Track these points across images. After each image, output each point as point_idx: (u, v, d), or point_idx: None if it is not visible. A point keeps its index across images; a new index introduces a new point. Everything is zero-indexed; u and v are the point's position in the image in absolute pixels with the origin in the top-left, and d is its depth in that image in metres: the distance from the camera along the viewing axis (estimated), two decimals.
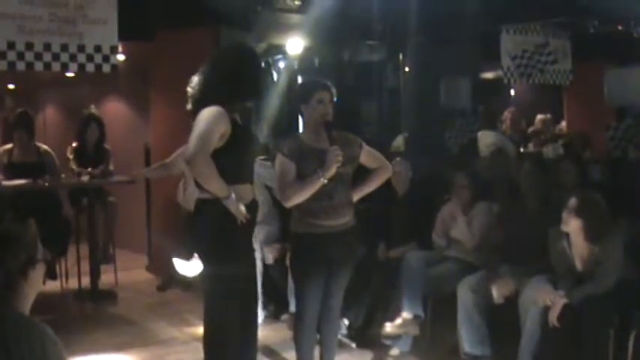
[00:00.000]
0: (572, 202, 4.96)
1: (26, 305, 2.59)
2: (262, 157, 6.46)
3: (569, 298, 4.82)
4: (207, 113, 4.07)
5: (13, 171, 7.54)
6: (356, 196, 4.79)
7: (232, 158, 4.12)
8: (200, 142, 3.98)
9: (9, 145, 7.86)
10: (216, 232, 4.17)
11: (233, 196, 4.07)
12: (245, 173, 4.27)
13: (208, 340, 4.31)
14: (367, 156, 4.79)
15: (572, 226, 4.97)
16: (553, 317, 4.82)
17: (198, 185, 4.23)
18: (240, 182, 4.18)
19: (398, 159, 6.69)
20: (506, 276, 5.41)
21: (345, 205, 4.63)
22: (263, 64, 4.51)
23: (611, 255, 4.87)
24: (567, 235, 5.04)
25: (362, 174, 4.88)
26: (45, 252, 2.68)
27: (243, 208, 4.12)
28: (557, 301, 4.84)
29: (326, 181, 4.41)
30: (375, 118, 11.37)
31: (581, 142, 9.63)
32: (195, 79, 4.32)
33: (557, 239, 5.11)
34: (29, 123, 8.00)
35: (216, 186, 4.04)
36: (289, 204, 4.55)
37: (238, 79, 4.23)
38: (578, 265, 5.03)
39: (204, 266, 4.31)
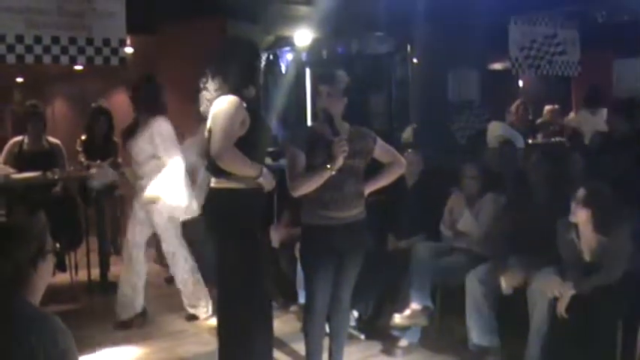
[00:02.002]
0: (581, 192, 4.95)
1: (36, 297, 2.60)
2: (271, 149, 6.48)
3: (577, 289, 4.82)
4: (225, 104, 4.15)
5: (23, 160, 7.61)
6: (368, 190, 4.80)
7: (249, 146, 4.21)
8: (224, 135, 4.09)
9: (19, 137, 7.92)
10: (238, 217, 4.25)
11: (265, 170, 4.34)
12: (259, 159, 4.37)
13: (232, 325, 4.37)
14: (381, 151, 4.80)
15: (581, 216, 4.97)
16: (561, 308, 4.82)
17: (215, 175, 4.30)
18: None
19: (410, 150, 6.70)
20: (515, 267, 5.41)
21: (355, 197, 4.64)
22: (260, 53, 4.63)
23: (620, 245, 4.87)
24: (576, 226, 5.04)
25: (376, 168, 4.90)
26: (54, 244, 2.70)
27: (271, 178, 4.43)
28: (565, 292, 4.84)
29: (334, 172, 4.42)
30: (383, 109, 11.36)
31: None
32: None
33: (566, 230, 5.11)
34: (40, 115, 8.06)
35: (248, 171, 4.28)
36: (297, 194, 4.55)
37: (235, 67, 4.31)
38: (587, 256, 5.03)
39: (227, 252, 4.35)
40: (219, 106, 4.19)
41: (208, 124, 4.29)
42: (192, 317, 6.70)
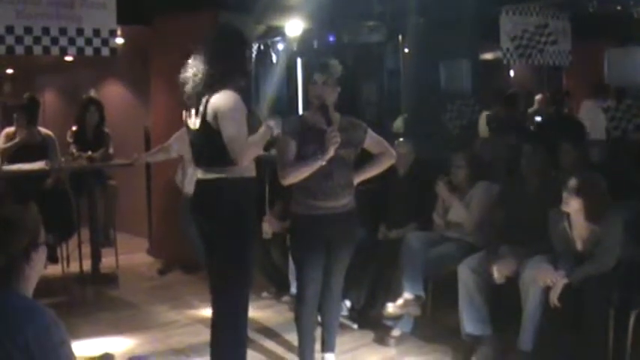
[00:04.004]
0: (572, 182, 4.96)
1: (29, 288, 2.59)
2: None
3: (569, 278, 4.84)
4: (230, 105, 4.10)
5: (16, 152, 7.63)
6: (357, 180, 4.80)
7: None
8: (243, 141, 4.07)
9: (12, 128, 7.93)
10: (238, 205, 4.25)
11: (271, 123, 4.28)
12: None
13: (232, 310, 4.38)
14: (371, 141, 4.80)
15: (573, 206, 4.97)
16: (554, 298, 4.83)
17: (206, 166, 4.28)
18: None
19: (401, 140, 6.70)
20: (507, 256, 5.42)
21: (344, 187, 4.64)
22: (250, 42, 4.62)
23: (611, 234, 4.88)
24: (568, 215, 5.05)
25: (366, 158, 4.89)
26: (47, 235, 2.69)
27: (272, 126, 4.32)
28: (557, 281, 4.85)
29: (324, 162, 4.41)
30: (375, 99, 11.36)
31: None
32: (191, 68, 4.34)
33: (558, 220, 5.12)
34: (36, 107, 8.10)
35: (260, 148, 4.30)
36: (286, 182, 4.56)
37: (227, 60, 4.28)
38: (579, 246, 5.04)
39: (228, 240, 4.34)
40: (224, 107, 4.13)
41: (208, 117, 4.20)
42: None
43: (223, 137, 4.10)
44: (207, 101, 4.17)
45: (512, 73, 13.28)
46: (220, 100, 4.13)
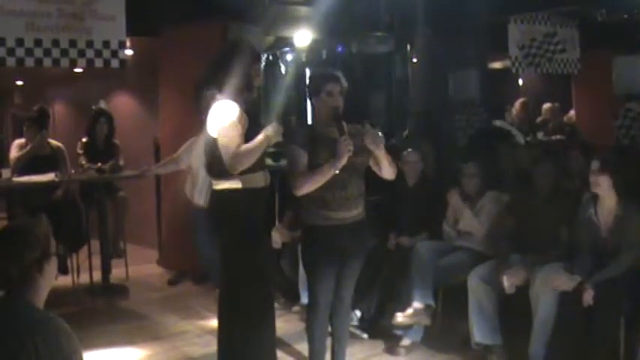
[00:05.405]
0: (595, 162, 4.97)
1: (41, 299, 2.61)
2: (272, 149, 6.47)
3: (587, 281, 4.81)
4: (225, 115, 4.17)
5: (26, 163, 7.66)
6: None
7: None
8: (229, 150, 4.18)
9: (22, 140, 7.97)
10: (240, 217, 4.29)
11: (268, 130, 4.35)
12: (256, 162, 4.34)
13: (236, 326, 4.40)
14: None
15: (603, 184, 4.97)
16: (588, 298, 4.79)
17: (216, 177, 4.33)
18: (251, 172, 4.35)
19: (409, 150, 6.69)
20: (517, 265, 5.42)
21: (357, 197, 4.64)
22: (258, 56, 4.68)
23: (636, 227, 4.87)
24: (594, 202, 5.05)
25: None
26: (57, 246, 2.71)
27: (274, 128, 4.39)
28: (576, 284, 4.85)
29: (337, 171, 4.41)
30: (384, 109, 11.36)
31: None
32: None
33: (586, 208, 5.12)
34: (45, 119, 8.14)
35: (255, 155, 4.30)
36: (300, 192, 4.54)
37: (230, 72, 4.37)
38: (604, 233, 5.02)
39: (230, 253, 4.37)
40: (220, 117, 4.21)
41: (210, 130, 4.29)
42: None
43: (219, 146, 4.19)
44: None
45: (520, 81, 13.26)
46: (216, 110, 4.22)
